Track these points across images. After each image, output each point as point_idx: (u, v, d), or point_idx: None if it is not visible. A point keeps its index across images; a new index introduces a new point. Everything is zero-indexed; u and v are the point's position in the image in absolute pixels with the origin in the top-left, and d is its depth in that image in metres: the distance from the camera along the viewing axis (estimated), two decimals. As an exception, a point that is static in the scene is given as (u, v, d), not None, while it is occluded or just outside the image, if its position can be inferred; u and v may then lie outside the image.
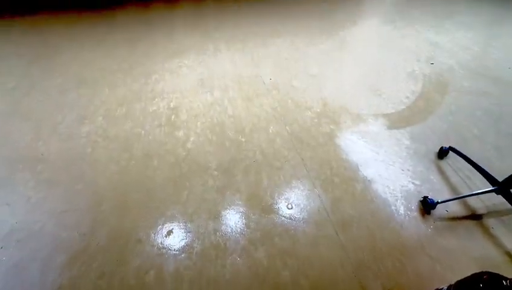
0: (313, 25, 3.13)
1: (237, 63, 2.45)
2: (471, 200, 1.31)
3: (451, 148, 1.51)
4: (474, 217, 1.26)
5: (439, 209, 1.27)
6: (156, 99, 2.03)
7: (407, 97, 2.03)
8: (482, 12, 3.42)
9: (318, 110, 1.91)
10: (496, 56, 2.51)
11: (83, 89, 2.15)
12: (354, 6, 3.70)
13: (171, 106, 1.97)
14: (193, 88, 2.14)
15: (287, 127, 1.76)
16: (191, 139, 1.69)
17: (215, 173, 1.47)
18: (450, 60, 2.46)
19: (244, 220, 1.25)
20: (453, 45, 2.70)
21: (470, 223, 1.23)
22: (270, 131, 1.73)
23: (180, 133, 1.73)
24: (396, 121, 1.81)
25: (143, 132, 1.75)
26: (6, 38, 2.98)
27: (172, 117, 1.86)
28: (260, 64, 2.42)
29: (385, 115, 1.87)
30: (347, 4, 3.77)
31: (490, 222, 1.23)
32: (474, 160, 1.36)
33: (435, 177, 1.44)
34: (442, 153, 1.54)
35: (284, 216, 1.27)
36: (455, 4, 3.67)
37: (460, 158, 1.44)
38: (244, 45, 2.74)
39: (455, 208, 1.29)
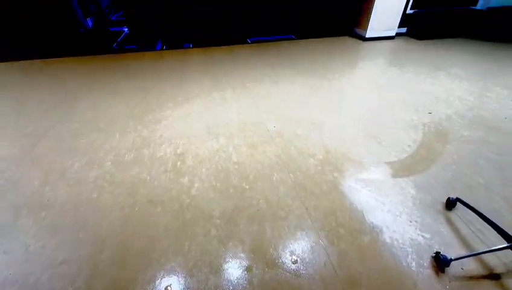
0: (315, 73, 3.36)
1: (243, 111, 2.58)
2: (487, 257, 1.25)
3: (458, 200, 1.48)
4: (492, 276, 1.18)
5: (454, 267, 1.20)
6: (164, 145, 2.10)
7: (409, 146, 2.07)
8: (473, 65, 3.65)
9: (321, 157, 1.95)
10: (491, 106, 2.61)
11: (96, 134, 2.26)
12: (353, 55, 4.01)
13: (178, 151, 2.03)
14: (200, 135, 2.23)
15: (291, 175, 1.78)
16: (196, 185, 1.70)
17: (218, 221, 1.45)
18: (447, 110, 2.56)
19: (246, 276, 1.19)
20: (449, 95, 2.84)
21: (488, 284, 1.15)
22: (274, 178, 1.75)
23: (185, 180, 1.75)
24: (400, 170, 1.82)
25: (149, 177, 1.78)
26: (31, 84, 3.24)
27: (178, 163, 1.91)
28: (265, 112, 2.55)
29: (388, 163, 1.88)
30: (346, 54, 4.09)
31: (510, 282, 1.15)
32: (484, 212, 1.33)
33: (444, 230, 1.39)
34: (450, 204, 1.51)
35: (288, 271, 1.20)
36: (447, 57, 3.95)
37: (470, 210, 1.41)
38: (250, 93, 2.92)
39: (471, 266, 1.21)
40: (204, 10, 5.07)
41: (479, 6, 5.10)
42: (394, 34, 4.82)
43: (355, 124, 2.36)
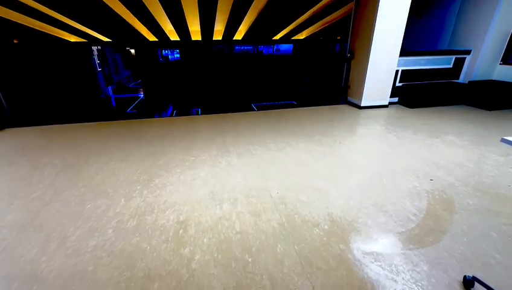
0: (317, 139, 3.53)
1: (247, 176, 2.64)
2: None
3: (475, 279, 1.39)
4: None
5: None
6: (167, 212, 2.10)
7: (415, 215, 2.04)
8: (466, 132, 3.84)
9: (326, 227, 1.91)
10: (492, 173, 2.64)
11: (101, 199, 2.29)
12: (352, 122, 4.27)
13: (181, 219, 2.01)
14: (204, 201, 2.24)
15: (295, 247, 1.71)
16: (196, 257, 1.64)
17: (219, 302, 1.35)
18: (448, 177, 2.59)
19: None
20: (448, 162, 2.91)
21: None
22: (278, 250, 1.68)
23: (186, 251, 1.69)
24: (409, 242, 1.75)
25: (149, 247, 1.73)
26: (48, 148, 3.43)
27: (180, 231, 1.87)
28: (268, 178, 2.61)
29: (395, 234, 1.82)
30: (345, 121, 4.36)
31: None
32: (506, 296, 1.23)
33: (467, 317, 1.26)
34: (467, 284, 1.40)
35: None
36: (440, 124, 4.19)
37: (490, 292, 1.30)
38: (255, 158, 3.03)
39: None
40: (214, 81, 5.65)
41: (461, 80, 5.66)
42: (387, 103, 5.23)
43: (359, 192, 2.37)
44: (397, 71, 5.17)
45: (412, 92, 5.21)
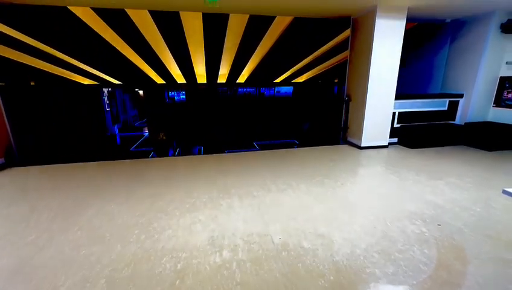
0: (319, 180, 3.51)
1: (248, 220, 2.57)
2: None
3: None
4: None
5: None
6: (165, 259, 2.01)
7: (426, 264, 1.93)
8: (468, 174, 3.82)
9: (332, 277, 1.80)
10: (500, 218, 2.56)
11: (97, 245, 2.21)
12: (352, 162, 4.28)
13: (178, 267, 1.92)
14: (203, 247, 2.15)
15: (300, 301, 1.60)
16: (193, 313, 1.52)
17: None
18: (456, 222, 2.51)
19: None
20: (453, 206, 2.84)
21: None
22: (281, 306, 1.57)
23: (182, 305, 1.58)
24: (422, 297, 1.63)
25: (143, 301, 1.62)
26: (49, 188, 3.42)
27: (177, 282, 1.77)
28: (270, 222, 2.54)
29: (408, 287, 1.71)
30: (346, 162, 4.38)
31: None
32: None
33: None
34: None
35: None
36: (441, 165, 4.18)
37: None
38: (256, 201, 2.99)
39: None
40: (217, 120, 5.83)
41: (457, 121, 5.82)
42: (387, 144, 5.31)
43: (364, 237, 2.28)
44: (394, 113, 5.35)
45: (411, 133, 5.32)
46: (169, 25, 5.53)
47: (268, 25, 5.77)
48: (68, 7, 4.39)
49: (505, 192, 1.21)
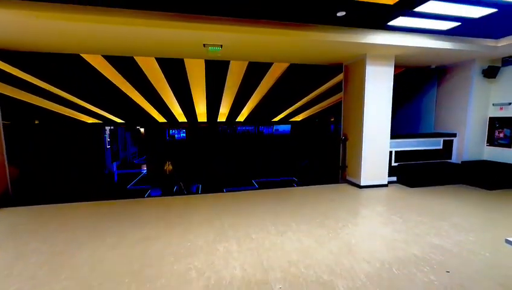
0: (319, 222, 3.40)
1: (246, 266, 2.43)
2: None
3: None
4: None
5: None
6: (155, 313, 1.85)
7: (438, 319, 1.78)
8: (472, 213, 3.74)
9: (337, 336, 1.64)
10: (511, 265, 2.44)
11: (83, 296, 2.05)
12: (353, 202, 4.20)
13: (170, 323, 1.76)
14: (198, 298, 2.00)
15: None
16: None
17: None
18: (466, 268, 2.38)
19: None
20: (461, 249, 2.73)
21: None
22: None
23: None
24: None
25: None
26: (40, 230, 3.28)
27: None
28: (269, 268, 2.40)
29: None
30: (346, 201, 4.30)
31: None
32: None
33: None
34: None
35: None
36: (444, 205, 4.11)
37: None
38: (255, 244, 2.86)
39: None
40: (217, 158, 5.84)
41: (453, 160, 5.88)
42: (386, 182, 5.28)
43: (371, 287, 2.14)
44: (391, 152, 5.43)
45: (410, 172, 5.33)
46: (174, 69, 5.89)
47: (266, 69, 6.16)
48: (81, 54, 4.72)
49: (508, 242, 1.18)
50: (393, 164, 5.52)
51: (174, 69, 5.85)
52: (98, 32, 3.51)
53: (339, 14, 3.51)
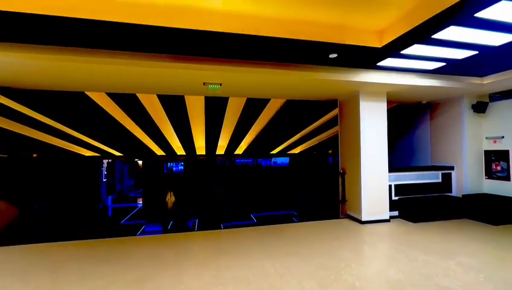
0: (322, 261, 3.22)
1: (243, 315, 2.25)
2: None
3: None
4: None
5: None
6: None
7: None
8: (479, 251, 3.59)
9: None
10: (527, 310, 2.28)
11: None
12: (355, 239, 4.03)
13: None
14: None
15: None
16: None
17: None
18: (479, 315, 2.22)
19: None
20: (472, 293, 2.56)
21: None
22: None
23: None
24: None
25: None
26: (27, 272, 3.07)
27: None
28: (268, 317, 2.22)
29: None
30: (348, 238, 4.13)
31: None
32: None
33: None
34: None
35: None
36: (449, 242, 3.96)
37: None
38: (253, 288, 2.68)
39: None
40: (215, 192, 5.74)
41: (454, 193, 5.82)
42: (388, 217, 5.14)
43: (377, 338, 1.96)
44: (390, 186, 5.39)
45: (411, 206, 5.23)
46: (174, 105, 6.07)
47: (264, 104, 6.37)
48: (85, 92, 4.90)
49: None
50: (393, 197, 5.44)
51: (174, 105, 6.04)
52: (104, 72, 3.69)
53: (331, 56, 3.75)
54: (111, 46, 3.28)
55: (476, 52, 3.70)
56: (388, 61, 4.01)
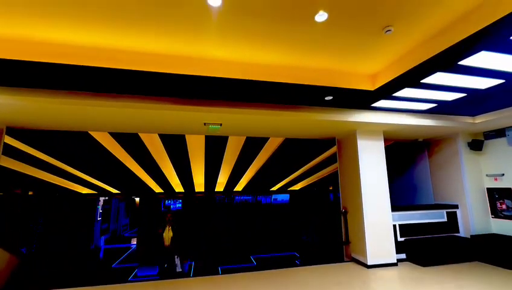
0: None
1: None
2: None
3: None
4: None
5: None
6: None
7: None
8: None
9: None
10: None
11: None
12: (362, 287, 3.75)
13: None
14: None
15: None
16: None
17: None
18: None
19: None
20: None
21: None
22: None
23: None
24: None
25: None
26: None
27: None
28: None
29: None
30: (354, 286, 3.84)
31: None
32: None
33: None
34: None
35: None
36: (461, 278, 3.69)
37: None
38: None
39: None
40: (213, 231, 5.50)
41: (461, 233, 5.59)
42: (396, 261, 4.86)
43: None
44: (395, 226, 5.19)
45: (419, 248, 4.98)
46: (175, 144, 6.16)
47: (263, 143, 6.46)
48: (89, 132, 4.99)
49: None
50: (399, 239, 5.20)
51: (175, 144, 6.12)
52: (110, 114, 3.81)
53: (327, 98, 3.92)
54: (117, 90, 3.45)
55: (465, 94, 3.88)
56: (382, 103, 4.18)
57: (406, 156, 7.15)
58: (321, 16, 2.40)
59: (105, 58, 2.84)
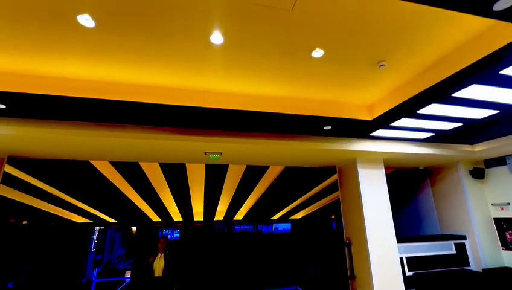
0: None
1: None
2: None
3: None
4: None
5: None
6: None
7: None
8: None
9: None
10: None
11: None
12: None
13: None
14: None
15: None
16: None
17: None
18: None
19: None
20: None
21: None
22: None
23: None
24: None
25: None
26: None
27: None
28: None
29: None
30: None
31: None
32: None
33: None
34: None
35: None
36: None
37: None
38: None
39: None
40: (211, 263, 5.25)
41: (472, 267, 5.32)
42: (405, 298, 4.56)
43: None
44: (401, 258, 4.96)
45: (429, 284, 4.71)
46: (175, 173, 6.13)
47: (263, 171, 6.43)
48: (90, 161, 5.01)
49: None
50: (407, 273, 4.93)
51: (175, 172, 6.09)
52: (112, 144, 3.85)
53: (326, 128, 3.98)
54: (120, 121, 3.52)
55: (461, 124, 3.94)
56: (380, 132, 4.23)
57: (408, 185, 7.06)
58: (317, 53, 2.54)
59: (110, 91, 2.95)
